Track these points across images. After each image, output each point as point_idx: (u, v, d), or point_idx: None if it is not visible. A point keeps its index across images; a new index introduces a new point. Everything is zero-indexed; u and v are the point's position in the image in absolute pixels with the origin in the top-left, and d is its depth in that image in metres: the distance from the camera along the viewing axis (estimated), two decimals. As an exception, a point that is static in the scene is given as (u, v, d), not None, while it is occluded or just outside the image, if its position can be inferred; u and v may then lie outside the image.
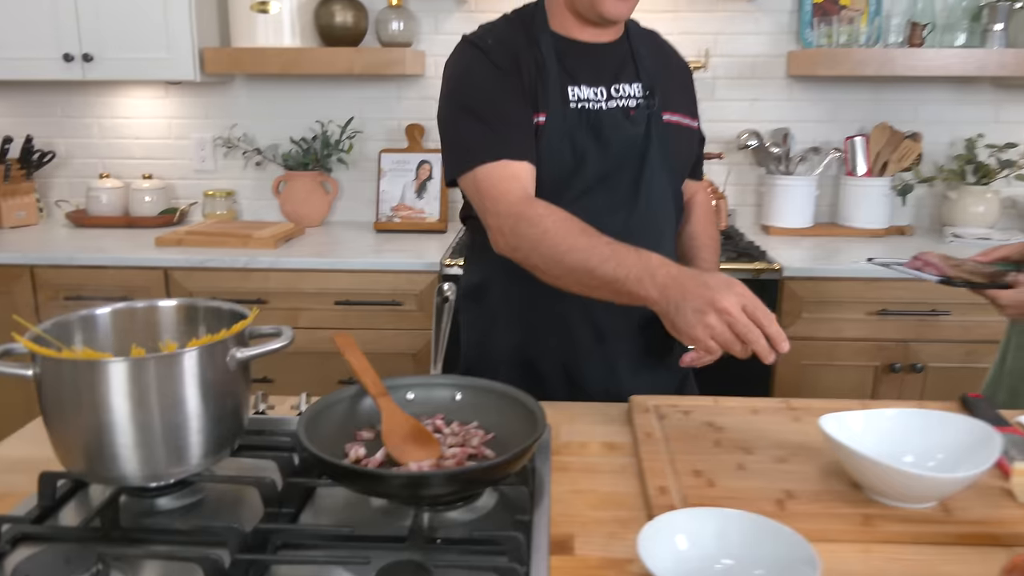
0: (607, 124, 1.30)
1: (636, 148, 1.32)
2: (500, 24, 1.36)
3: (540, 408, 0.99)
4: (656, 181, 1.34)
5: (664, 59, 1.43)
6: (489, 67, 1.28)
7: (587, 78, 1.32)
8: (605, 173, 1.31)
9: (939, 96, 2.71)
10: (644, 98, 1.34)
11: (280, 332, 1.00)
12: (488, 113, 1.25)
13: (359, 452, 0.96)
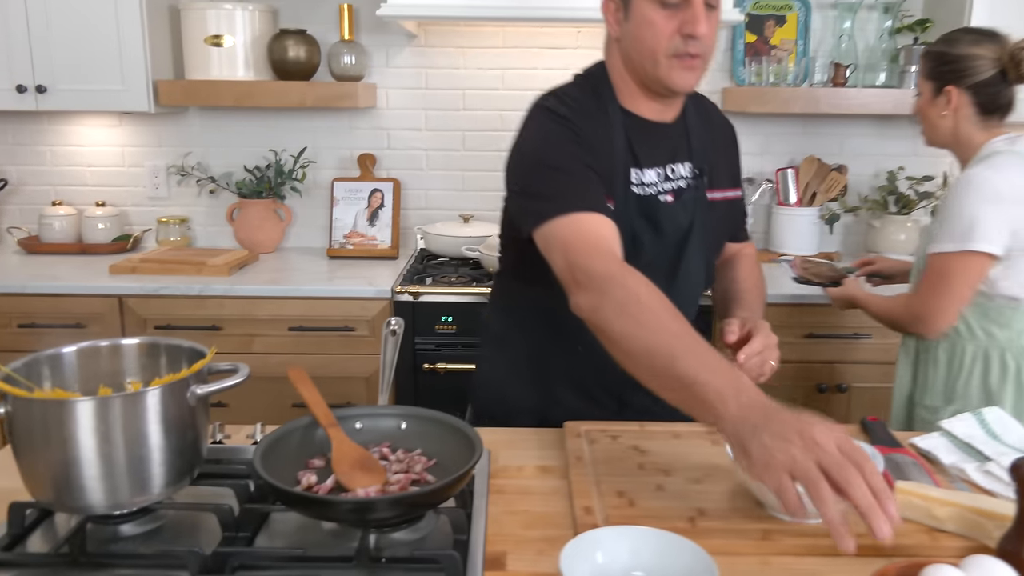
0: (663, 214, 1.32)
1: (681, 233, 1.35)
2: (574, 94, 1.32)
3: (477, 436, 1.08)
4: (693, 262, 1.37)
5: (711, 129, 1.43)
6: (574, 138, 1.25)
7: (649, 160, 1.32)
8: (651, 257, 1.33)
9: (863, 131, 2.89)
10: (694, 178, 1.37)
11: (237, 369, 1.08)
12: (577, 169, 1.23)
13: (311, 479, 1.05)
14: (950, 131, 1.76)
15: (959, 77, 1.71)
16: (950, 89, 1.72)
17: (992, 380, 1.70)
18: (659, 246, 1.33)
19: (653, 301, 1.04)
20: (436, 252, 2.75)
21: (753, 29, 2.78)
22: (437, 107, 2.87)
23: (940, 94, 1.74)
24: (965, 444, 1.29)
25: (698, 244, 1.37)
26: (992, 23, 2.46)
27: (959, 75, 1.71)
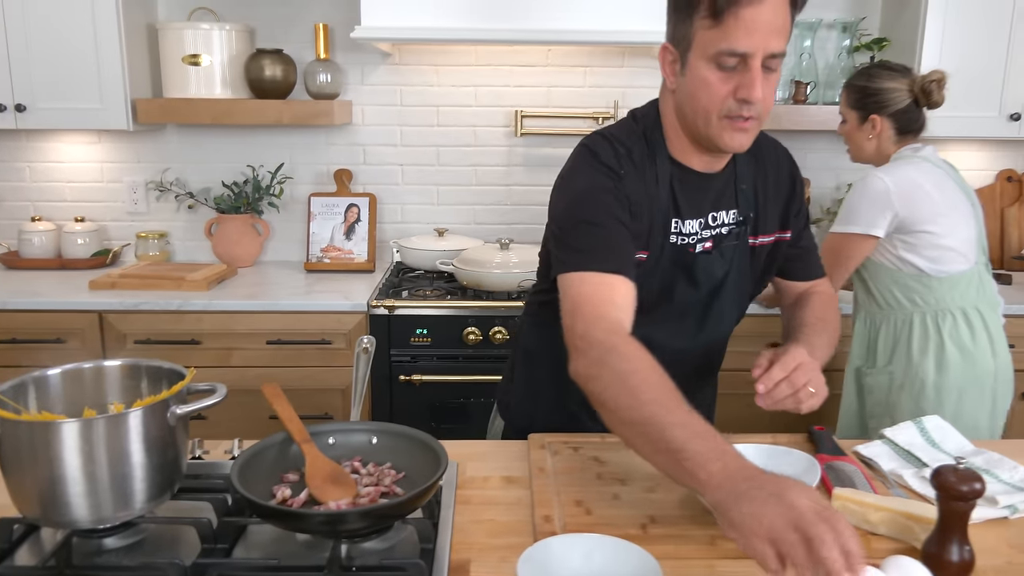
0: (700, 266, 1.34)
1: (716, 281, 1.37)
2: (629, 136, 1.31)
3: (443, 450, 1.14)
4: (726, 306, 1.39)
5: (763, 172, 1.39)
6: (612, 189, 1.26)
7: (691, 211, 1.33)
8: (687, 308, 1.37)
9: (824, 146, 2.99)
10: (737, 224, 1.36)
11: (215, 389, 1.14)
12: (607, 224, 1.24)
13: (285, 493, 1.11)
14: (874, 150, 2.13)
15: (881, 107, 2.06)
16: (874, 117, 2.07)
17: (915, 343, 2.05)
18: (692, 294, 1.36)
19: (649, 373, 1.07)
20: (412, 265, 2.82)
21: (718, 47, 2.87)
22: (412, 123, 2.93)
23: (865, 121, 2.09)
24: (905, 451, 1.37)
25: (732, 290, 1.39)
26: (943, 42, 2.59)
27: (881, 105, 2.06)
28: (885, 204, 1.99)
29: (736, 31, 1.13)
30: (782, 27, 1.15)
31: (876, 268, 2.09)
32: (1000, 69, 2.62)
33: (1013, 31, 2.58)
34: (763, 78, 1.16)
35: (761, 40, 1.13)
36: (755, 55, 1.14)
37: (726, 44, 1.14)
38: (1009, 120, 2.65)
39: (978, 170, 3.04)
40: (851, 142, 2.15)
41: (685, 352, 1.38)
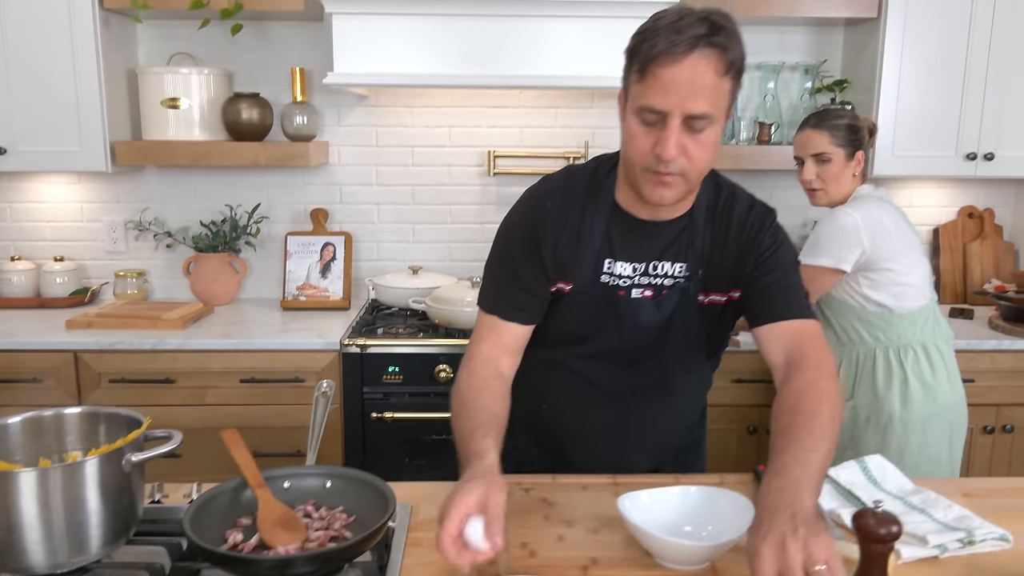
0: (627, 309, 1.38)
1: (657, 329, 1.39)
2: (576, 175, 1.41)
3: (392, 494, 1.19)
4: (671, 358, 1.43)
5: (724, 232, 1.38)
6: (531, 232, 1.37)
7: (628, 255, 1.37)
8: (618, 347, 1.41)
9: (791, 183, 3.05)
10: (684, 278, 1.38)
11: (171, 436, 1.18)
12: (508, 272, 1.40)
13: (237, 537, 1.15)
14: (851, 188, 2.19)
15: (862, 143, 2.18)
16: (860, 153, 2.17)
17: (879, 378, 2.12)
18: (622, 338, 1.40)
19: (471, 390, 1.33)
20: (386, 303, 2.86)
21: (685, 89, 2.95)
22: (388, 163, 3.00)
23: (852, 158, 2.16)
24: (847, 490, 1.42)
25: (677, 341, 1.41)
26: (900, 84, 2.68)
27: (862, 141, 2.17)
28: (855, 240, 2.05)
29: (655, 89, 1.18)
30: (706, 90, 1.17)
31: (839, 304, 2.15)
32: (956, 110, 2.70)
33: (968, 73, 2.67)
34: (690, 137, 1.20)
35: (678, 100, 1.17)
36: (672, 114, 1.18)
37: (646, 100, 1.19)
38: (965, 159, 2.73)
39: (940, 207, 3.12)
40: (835, 182, 2.17)
41: (624, 392, 1.45)
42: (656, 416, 1.49)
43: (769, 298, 1.35)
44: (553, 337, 1.45)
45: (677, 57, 1.15)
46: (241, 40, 2.86)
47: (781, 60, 2.92)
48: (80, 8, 2.53)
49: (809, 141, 2.16)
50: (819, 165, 2.16)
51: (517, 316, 1.40)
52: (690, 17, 1.17)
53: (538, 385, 1.51)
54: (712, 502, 1.22)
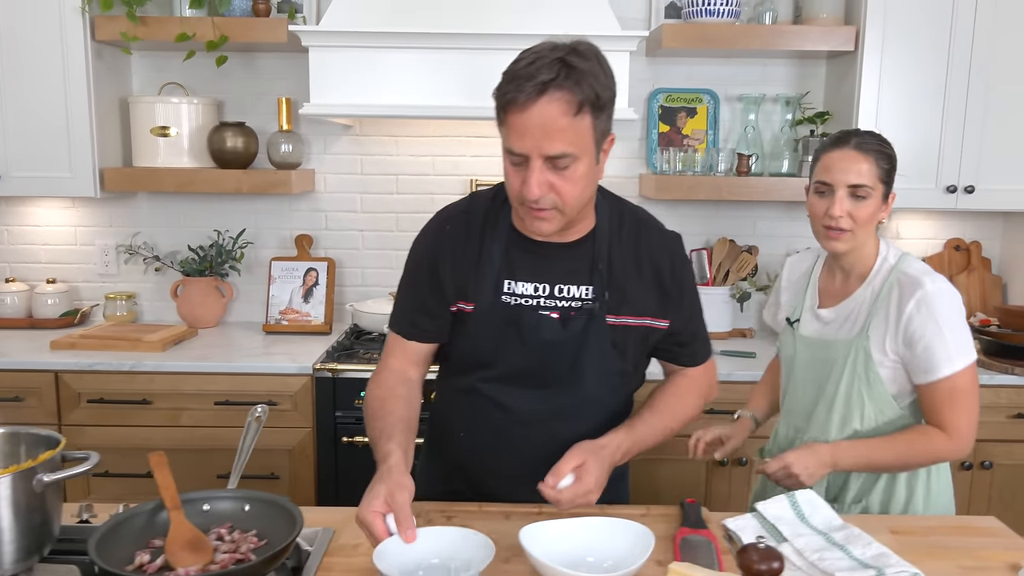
0: (537, 328, 1.40)
1: (566, 349, 1.41)
2: (479, 200, 1.48)
3: (300, 517, 1.21)
4: (591, 381, 1.44)
5: (631, 257, 1.43)
6: (430, 255, 1.45)
7: (528, 275, 1.41)
8: (527, 367, 1.43)
9: (771, 214, 3.06)
10: (590, 301, 1.41)
11: (88, 457, 1.22)
12: (410, 293, 1.50)
13: (144, 558, 1.18)
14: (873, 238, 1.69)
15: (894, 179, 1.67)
16: (894, 195, 1.67)
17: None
18: (528, 357, 1.42)
19: (376, 400, 1.45)
20: (366, 328, 2.90)
21: (666, 120, 2.98)
22: (372, 191, 3.05)
23: (886, 200, 1.65)
24: (771, 525, 1.41)
25: (590, 363, 1.43)
26: (878, 116, 2.68)
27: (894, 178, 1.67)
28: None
29: (512, 133, 1.26)
30: (560, 131, 1.22)
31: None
32: (935, 143, 2.69)
33: (947, 106, 2.66)
34: (556, 175, 1.25)
35: (533, 144, 1.23)
36: (531, 156, 1.24)
37: (508, 143, 1.28)
38: (946, 192, 2.71)
39: (926, 239, 3.09)
40: (866, 226, 1.62)
41: (538, 417, 1.46)
42: (573, 443, 1.49)
43: (682, 345, 1.54)
44: (463, 361, 1.48)
45: (526, 105, 1.22)
46: (231, 71, 2.95)
47: (762, 92, 2.94)
48: (72, 40, 2.63)
49: (849, 166, 1.60)
50: (854, 201, 1.60)
51: (420, 335, 1.50)
52: (544, 59, 1.22)
53: (455, 414, 1.54)
54: (615, 533, 1.23)
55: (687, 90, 2.98)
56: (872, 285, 1.65)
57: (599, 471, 1.30)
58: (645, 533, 1.19)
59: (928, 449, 1.61)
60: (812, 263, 1.84)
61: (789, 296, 1.86)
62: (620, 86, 2.55)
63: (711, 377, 1.61)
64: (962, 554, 1.35)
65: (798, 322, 1.78)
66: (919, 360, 1.58)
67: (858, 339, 1.63)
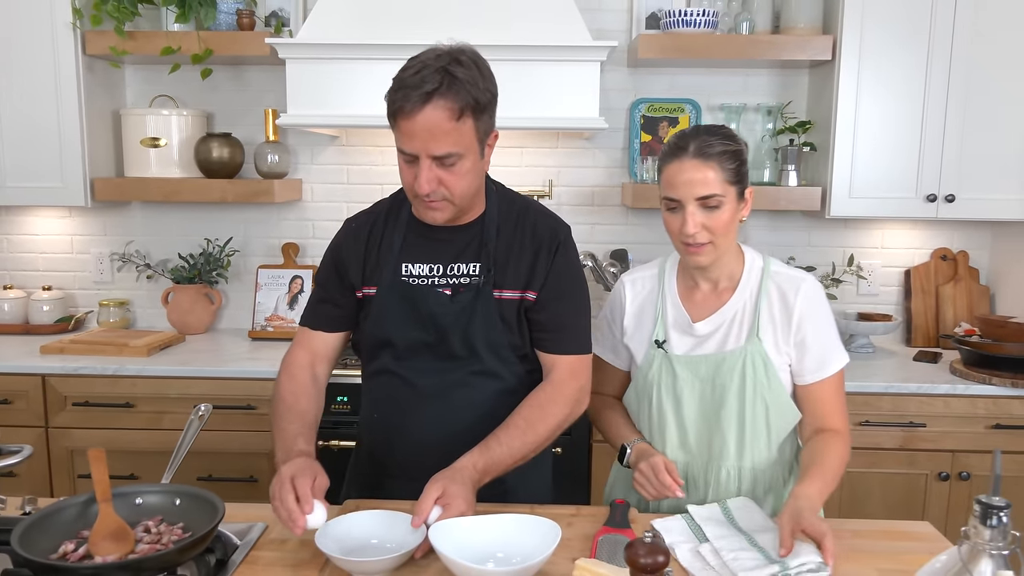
0: (426, 299, 1.53)
1: (457, 322, 1.52)
2: (382, 203, 1.64)
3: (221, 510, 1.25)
4: (484, 352, 1.53)
5: (518, 237, 1.55)
6: (336, 251, 1.62)
7: (424, 257, 1.55)
8: (424, 341, 1.54)
9: (756, 223, 3.06)
10: (477, 276, 1.53)
11: (21, 449, 1.27)
12: (317, 288, 1.66)
13: (68, 547, 1.22)
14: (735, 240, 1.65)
15: (747, 176, 1.60)
16: (751, 190, 1.60)
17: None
18: (427, 329, 1.54)
19: (283, 396, 1.58)
20: (350, 335, 2.94)
21: (648, 130, 3.00)
22: (358, 200, 3.10)
23: (742, 199, 1.56)
24: (698, 526, 1.42)
25: (480, 335, 1.53)
26: (856, 125, 2.69)
27: (747, 174, 1.60)
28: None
29: (401, 136, 1.41)
30: (444, 134, 1.37)
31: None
32: (915, 151, 2.68)
33: (926, 115, 2.65)
34: (444, 170, 1.40)
35: (421, 145, 1.38)
36: (420, 155, 1.39)
37: (399, 144, 1.42)
38: (926, 201, 2.70)
39: (912, 248, 3.07)
40: (725, 237, 1.53)
41: (440, 390, 1.55)
42: (473, 416, 1.54)
43: (550, 330, 1.56)
44: (372, 343, 1.59)
45: (412, 113, 1.36)
46: (219, 83, 3.02)
47: (743, 102, 2.95)
48: (64, 54, 2.72)
49: (692, 176, 1.49)
50: (706, 212, 1.50)
51: (325, 324, 1.63)
52: (428, 69, 1.37)
53: (369, 397, 1.65)
54: (524, 529, 1.25)
55: (669, 100, 3.00)
56: (748, 288, 1.59)
57: (463, 492, 1.34)
58: (552, 528, 1.21)
59: (844, 458, 1.53)
60: (656, 280, 1.68)
61: (639, 320, 1.67)
62: (589, 95, 2.61)
63: (580, 381, 1.56)
64: (884, 558, 1.35)
65: (666, 343, 1.62)
66: (812, 357, 1.56)
67: (750, 345, 1.55)
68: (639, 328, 1.67)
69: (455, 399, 1.54)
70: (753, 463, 1.59)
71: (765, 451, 1.59)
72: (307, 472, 1.37)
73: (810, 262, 2.98)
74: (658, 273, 1.69)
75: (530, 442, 1.48)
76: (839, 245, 3.06)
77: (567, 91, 2.55)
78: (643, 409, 1.67)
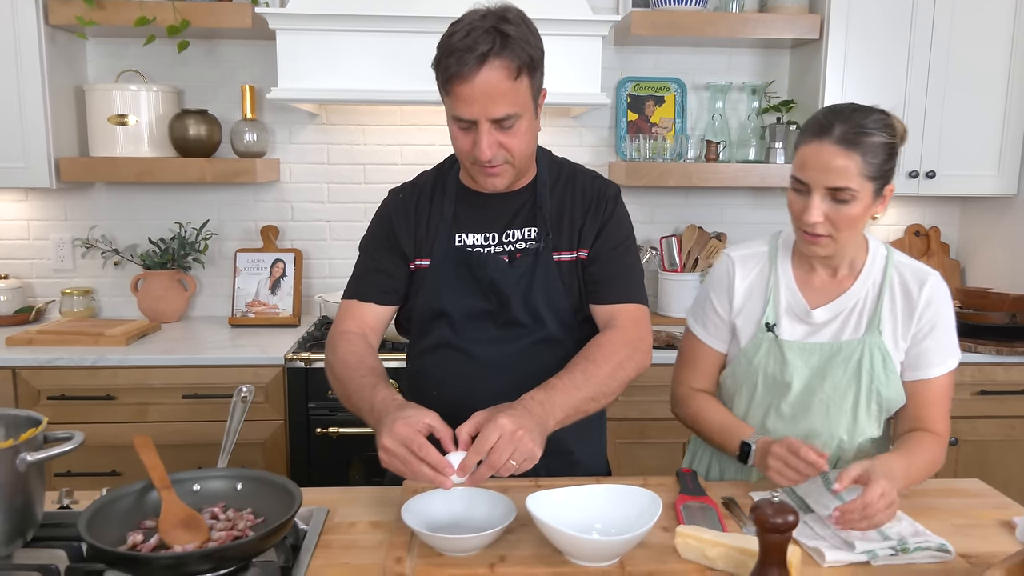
0: (485, 266, 1.48)
1: (517, 287, 1.47)
2: (425, 174, 1.59)
3: (299, 494, 1.18)
4: (545, 317, 1.49)
5: (570, 199, 1.51)
6: (384, 221, 1.55)
7: (477, 226, 1.51)
8: (483, 310, 1.49)
9: (739, 202, 3.10)
10: (534, 240, 1.49)
11: (72, 436, 1.16)
12: (366, 260, 1.57)
13: (136, 538, 1.12)
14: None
15: (893, 171, 1.43)
16: (891, 187, 1.43)
17: None
18: (486, 298, 1.49)
19: (346, 361, 1.43)
20: (336, 320, 2.85)
21: (634, 108, 2.99)
22: (339, 181, 3.00)
23: (880, 194, 1.41)
24: (799, 498, 1.39)
25: (541, 301, 1.49)
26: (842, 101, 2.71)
27: (894, 169, 1.43)
28: None
29: (458, 103, 1.35)
30: (502, 95, 1.33)
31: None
32: (897, 129, 2.75)
33: (908, 93, 2.73)
34: (502, 133, 1.36)
35: (480, 109, 1.33)
36: (479, 120, 1.34)
37: (455, 111, 1.37)
38: (908, 177, 2.78)
39: (887, 225, 3.16)
40: (848, 232, 1.41)
41: (502, 361, 1.49)
42: (536, 385, 1.41)
43: (605, 281, 1.51)
44: (426, 316, 1.53)
45: (469, 76, 1.31)
46: (191, 58, 2.87)
47: (728, 80, 2.97)
48: (25, 25, 2.53)
49: (828, 163, 1.35)
50: (834, 204, 1.37)
51: (377, 296, 1.54)
52: (478, 30, 1.32)
53: (426, 373, 1.57)
54: (620, 499, 1.21)
55: (655, 79, 3.00)
56: (871, 278, 1.49)
57: (510, 422, 1.18)
58: (652, 498, 1.18)
59: (937, 462, 1.46)
60: (767, 260, 1.56)
61: (747, 299, 1.55)
62: (592, 71, 2.58)
63: (640, 329, 1.48)
64: (954, 514, 1.37)
65: (776, 327, 1.53)
66: (928, 353, 1.47)
67: (869, 337, 1.47)
68: (748, 309, 1.55)
69: (519, 369, 1.48)
70: (856, 457, 1.51)
71: (869, 445, 1.54)
72: (431, 415, 1.23)
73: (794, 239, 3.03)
74: (768, 252, 1.57)
75: (593, 377, 1.35)
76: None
77: (569, 66, 2.51)
78: (742, 394, 1.57)
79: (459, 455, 1.19)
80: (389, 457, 1.18)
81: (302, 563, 1.17)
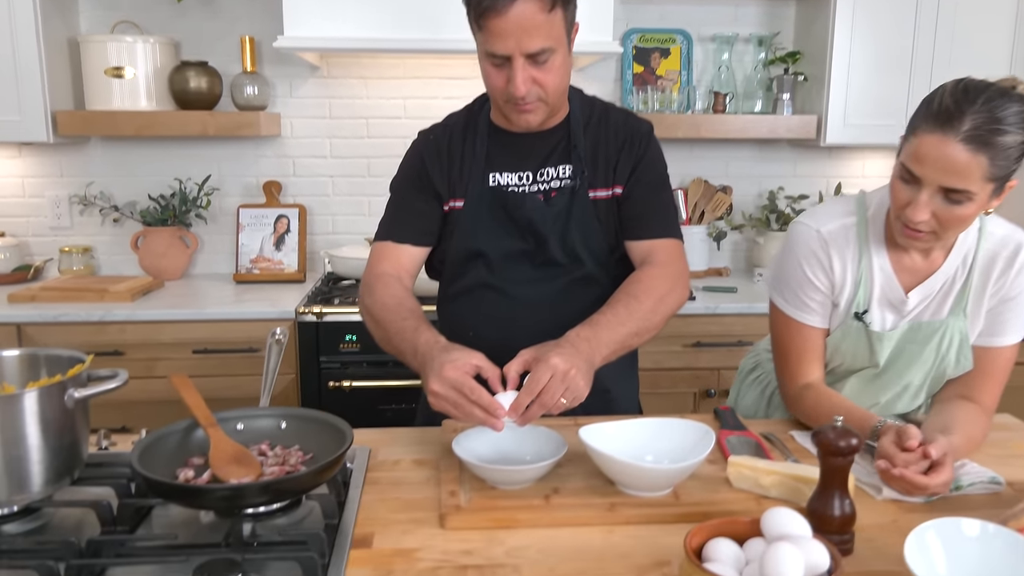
0: (522, 205, 1.46)
1: (554, 226, 1.46)
2: (455, 115, 1.56)
3: (349, 429, 1.16)
4: (583, 255, 1.48)
5: (604, 137, 1.49)
6: (416, 162, 1.52)
7: (511, 165, 1.48)
8: (520, 250, 1.48)
9: (745, 155, 3.09)
10: (569, 179, 1.47)
11: (116, 374, 1.14)
12: (398, 201, 1.54)
13: (188, 475, 1.11)
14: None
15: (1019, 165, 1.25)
16: (1014, 182, 1.26)
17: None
18: (523, 237, 1.48)
19: (386, 304, 1.41)
20: (343, 275, 2.82)
21: (640, 61, 2.96)
22: (341, 135, 2.95)
23: (1002, 192, 1.25)
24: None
25: (581, 238, 1.48)
26: (851, 53, 2.70)
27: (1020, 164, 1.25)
28: None
29: (492, 37, 1.31)
30: (537, 29, 1.29)
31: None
32: (905, 79, 2.74)
33: (916, 42, 2.72)
34: (537, 69, 1.33)
35: (514, 44, 1.30)
36: (513, 56, 1.31)
37: (488, 47, 1.33)
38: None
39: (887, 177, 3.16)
40: (954, 231, 1.28)
41: (540, 299, 1.49)
42: (575, 324, 1.39)
43: (641, 216, 1.49)
44: (461, 257, 1.52)
45: (503, 9, 1.28)
46: (188, 10, 2.80)
47: (735, 31, 2.95)
48: (18, -30, 2.45)
49: (949, 161, 1.18)
50: (946, 204, 1.22)
51: (410, 237, 1.51)
52: None
53: (461, 316, 1.56)
54: (672, 432, 1.21)
55: (660, 30, 2.97)
56: (961, 253, 1.36)
57: (562, 361, 1.17)
58: (703, 428, 1.18)
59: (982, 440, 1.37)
60: (856, 236, 1.39)
61: (841, 279, 1.41)
62: (605, 18, 2.55)
63: (679, 264, 1.47)
64: (992, 446, 1.39)
65: (867, 314, 1.40)
66: (1003, 320, 1.37)
67: (953, 319, 1.38)
68: (840, 290, 1.42)
69: (556, 308, 1.48)
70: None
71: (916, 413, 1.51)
72: (477, 356, 1.21)
73: (799, 191, 3.04)
74: (857, 225, 1.39)
75: (636, 312, 1.33)
76: (822, 175, 3.13)
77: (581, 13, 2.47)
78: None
79: (509, 395, 1.18)
80: (439, 401, 1.17)
81: (352, 498, 1.16)
